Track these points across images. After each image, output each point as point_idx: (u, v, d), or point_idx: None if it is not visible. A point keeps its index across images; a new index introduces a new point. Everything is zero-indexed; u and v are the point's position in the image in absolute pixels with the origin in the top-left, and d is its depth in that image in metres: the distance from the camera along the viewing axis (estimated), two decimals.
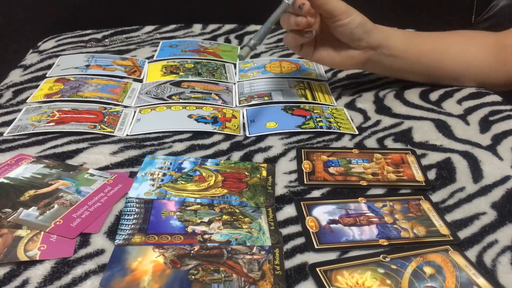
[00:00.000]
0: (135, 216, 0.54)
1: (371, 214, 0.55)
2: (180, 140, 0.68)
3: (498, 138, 0.68)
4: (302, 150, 0.66)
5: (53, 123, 0.70)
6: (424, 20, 1.13)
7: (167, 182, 0.59)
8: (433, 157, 0.65)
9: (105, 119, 0.72)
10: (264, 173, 0.62)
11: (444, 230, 0.53)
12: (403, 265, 0.48)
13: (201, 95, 0.79)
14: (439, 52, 0.76)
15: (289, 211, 0.56)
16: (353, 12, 0.70)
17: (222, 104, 0.77)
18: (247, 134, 0.70)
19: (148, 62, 0.91)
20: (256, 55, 0.96)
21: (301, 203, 0.56)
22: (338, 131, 0.70)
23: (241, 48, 0.66)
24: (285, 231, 0.53)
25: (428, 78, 0.80)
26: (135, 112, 0.74)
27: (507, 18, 1.15)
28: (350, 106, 0.78)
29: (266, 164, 0.63)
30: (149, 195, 0.57)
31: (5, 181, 0.59)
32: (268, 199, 0.57)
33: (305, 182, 0.60)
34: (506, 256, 0.50)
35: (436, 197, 0.58)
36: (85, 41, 1.00)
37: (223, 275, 0.46)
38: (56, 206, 0.55)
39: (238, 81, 0.85)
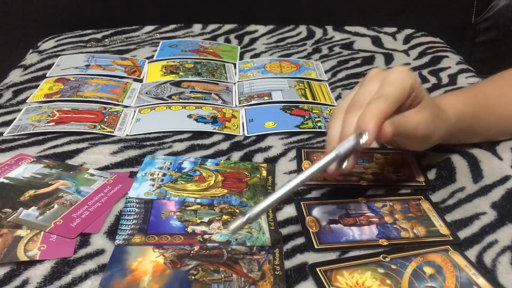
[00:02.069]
0: (135, 216, 0.54)
1: (371, 214, 0.55)
2: (180, 140, 0.68)
3: None
4: (302, 150, 0.66)
5: (53, 123, 0.70)
6: (424, 20, 1.13)
7: (167, 182, 0.59)
8: (433, 157, 0.65)
9: (105, 119, 0.72)
10: (264, 173, 0.62)
11: (444, 230, 0.53)
12: (403, 265, 0.48)
13: (201, 95, 0.79)
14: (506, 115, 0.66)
15: (289, 211, 0.56)
16: (433, 131, 0.56)
17: (222, 104, 0.77)
18: (246, 134, 0.70)
19: (148, 62, 0.91)
20: (256, 55, 0.96)
21: (301, 203, 0.56)
22: None
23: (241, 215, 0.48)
24: (285, 231, 0.53)
25: (500, 138, 0.68)
26: (135, 112, 0.74)
27: (507, 18, 1.15)
28: None
29: (266, 164, 0.63)
30: (149, 195, 0.57)
31: (5, 181, 0.59)
32: None
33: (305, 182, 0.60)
34: (506, 256, 0.50)
35: (436, 197, 0.58)
36: (85, 41, 1.00)
37: (223, 275, 0.46)
38: (56, 206, 0.55)
39: (238, 81, 0.86)
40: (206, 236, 0.51)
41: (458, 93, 0.67)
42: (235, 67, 0.91)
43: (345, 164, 0.50)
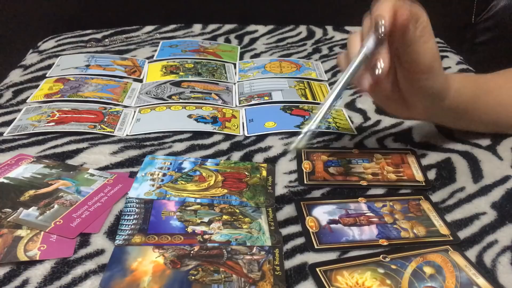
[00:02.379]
0: (135, 216, 0.54)
1: (371, 214, 0.55)
2: (180, 140, 0.68)
3: (498, 138, 0.68)
4: (302, 150, 0.66)
5: (53, 123, 0.70)
6: None
7: (167, 182, 0.59)
8: (433, 157, 0.65)
9: (105, 119, 0.72)
10: (264, 173, 0.62)
11: (444, 230, 0.53)
12: (403, 265, 0.48)
13: (201, 95, 0.79)
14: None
15: (289, 211, 0.56)
16: (438, 71, 0.57)
17: (222, 104, 0.77)
18: (246, 134, 0.70)
19: (148, 62, 0.91)
20: (256, 55, 0.96)
21: (301, 203, 0.56)
22: (337, 131, 0.70)
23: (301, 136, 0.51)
24: (285, 231, 0.53)
25: (501, 129, 0.69)
26: (135, 112, 0.74)
27: (507, 18, 1.15)
28: (350, 106, 0.78)
29: (266, 164, 0.63)
30: (149, 195, 0.57)
31: (5, 181, 0.59)
32: (268, 199, 0.57)
33: (305, 182, 0.60)
34: (506, 256, 0.50)
35: (436, 197, 0.58)
36: (85, 41, 1.00)
37: (223, 276, 0.46)
38: (56, 206, 0.55)
39: (238, 81, 0.85)
40: (206, 236, 0.51)
41: (460, 74, 0.68)
42: (235, 67, 0.91)
43: (380, 63, 0.51)
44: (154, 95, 0.79)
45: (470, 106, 0.63)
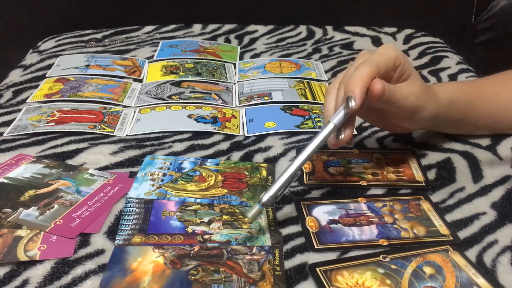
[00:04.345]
0: (135, 216, 0.54)
1: (371, 214, 0.55)
2: (180, 140, 0.68)
3: (498, 138, 0.68)
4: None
5: (53, 123, 0.70)
6: (424, 20, 1.13)
7: (167, 182, 0.59)
8: (433, 157, 0.65)
9: (105, 119, 0.72)
10: (264, 173, 0.62)
11: (444, 230, 0.53)
12: (403, 265, 0.48)
13: (201, 95, 0.79)
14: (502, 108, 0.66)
15: (289, 211, 0.56)
16: (424, 105, 0.57)
17: (222, 104, 0.77)
18: (246, 134, 0.70)
19: (148, 62, 0.91)
20: (256, 55, 0.96)
21: (301, 203, 0.56)
22: None
23: (254, 204, 0.50)
24: (285, 231, 0.53)
25: (498, 131, 0.69)
26: (135, 112, 0.74)
27: (507, 18, 1.15)
28: None
29: (266, 164, 0.63)
30: (149, 195, 0.57)
31: (5, 181, 0.59)
32: None
33: (305, 182, 0.60)
34: (506, 256, 0.50)
35: (436, 197, 0.58)
36: (85, 41, 1.00)
37: (223, 276, 0.46)
38: (56, 206, 0.55)
39: (238, 81, 0.85)
40: (206, 236, 0.51)
41: (455, 82, 0.69)
42: (235, 67, 0.91)
43: (342, 135, 0.53)
44: (154, 95, 0.79)
45: (466, 114, 0.64)
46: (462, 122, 0.65)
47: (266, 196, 0.49)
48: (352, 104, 0.50)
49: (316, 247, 0.50)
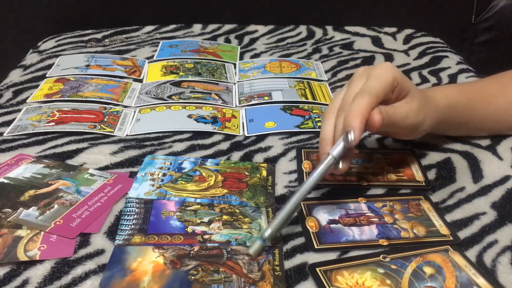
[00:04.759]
0: (135, 216, 0.54)
1: (371, 214, 0.55)
2: (180, 140, 0.68)
3: (498, 138, 0.68)
4: (302, 150, 0.66)
5: (53, 123, 0.70)
6: (424, 20, 1.13)
7: (167, 182, 0.59)
8: (433, 157, 0.65)
9: (105, 119, 0.72)
10: (264, 173, 0.62)
11: (444, 230, 0.53)
12: (403, 265, 0.48)
13: (201, 95, 0.79)
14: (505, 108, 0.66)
15: None
16: (424, 118, 0.57)
17: (222, 104, 0.77)
18: (246, 134, 0.70)
19: (148, 62, 0.91)
20: (256, 55, 0.96)
21: (301, 203, 0.56)
22: None
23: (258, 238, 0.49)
24: (285, 231, 0.53)
25: (498, 132, 0.69)
26: (135, 112, 0.74)
27: (507, 18, 1.15)
28: None
29: (266, 164, 0.63)
30: (149, 195, 0.57)
31: (5, 181, 0.59)
32: (268, 199, 0.57)
33: None
34: (506, 256, 0.50)
35: (436, 197, 0.58)
36: (85, 41, 1.00)
37: (223, 276, 0.46)
38: (56, 206, 0.55)
39: (238, 81, 0.85)
40: (206, 236, 0.51)
41: (453, 84, 0.69)
42: (235, 67, 0.91)
43: (340, 166, 0.52)
44: (154, 95, 0.79)
45: (466, 118, 0.64)
46: (462, 125, 0.65)
47: (267, 232, 0.48)
48: (352, 138, 0.49)
49: (316, 247, 0.50)
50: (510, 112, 0.66)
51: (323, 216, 0.55)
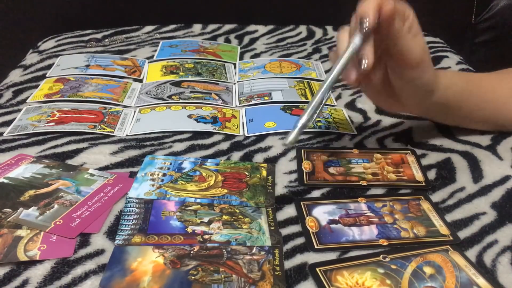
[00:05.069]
0: (135, 216, 0.54)
1: (371, 214, 0.55)
2: (180, 140, 0.68)
3: (498, 138, 0.68)
4: (302, 150, 0.66)
5: (53, 123, 0.70)
6: (424, 20, 1.13)
7: (167, 182, 0.59)
8: (433, 157, 0.65)
9: (105, 119, 0.72)
10: (264, 173, 0.62)
11: (444, 230, 0.53)
12: (403, 265, 0.48)
13: (201, 95, 0.79)
14: (502, 99, 0.66)
15: (289, 211, 0.56)
16: (427, 65, 0.58)
17: (222, 104, 0.77)
18: (246, 134, 0.70)
19: (148, 62, 0.91)
20: (256, 55, 0.96)
21: (301, 203, 0.56)
22: (337, 131, 0.70)
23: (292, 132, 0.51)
24: (285, 231, 0.53)
25: (493, 126, 0.69)
26: (135, 112, 0.74)
27: (507, 18, 1.15)
28: (350, 106, 0.78)
29: (266, 164, 0.63)
30: (149, 195, 0.57)
31: (5, 181, 0.59)
32: (268, 199, 0.57)
33: (305, 182, 0.60)
34: (506, 256, 0.50)
35: (436, 197, 0.58)
36: (85, 41, 1.00)
37: (223, 276, 0.46)
38: (56, 206, 0.55)
39: (238, 81, 0.86)
40: (206, 236, 0.51)
41: (453, 71, 0.70)
42: (235, 67, 0.91)
43: (364, 62, 0.53)
44: (154, 95, 0.79)
45: (462, 102, 0.64)
46: (456, 109, 0.65)
47: (302, 120, 0.51)
48: (367, 24, 0.51)
49: (316, 247, 0.50)
50: (507, 105, 0.66)
51: (323, 216, 0.55)
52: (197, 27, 1.08)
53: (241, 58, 0.95)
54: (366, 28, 0.51)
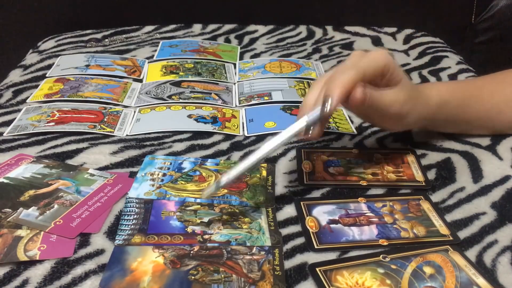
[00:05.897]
0: (135, 216, 0.54)
1: (371, 214, 0.55)
2: (180, 140, 0.68)
3: (498, 138, 0.68)
4: (302, 150, 0.66)
5: (53, 123, 0.70)
6: (424, 20, 1.13)
7: (167, 182, 0.59)
8: (433, 157, 0.65)
9: (105, 119, 0.72)
10: (264, 173, 0.62)
11: (444, 230, 0.53)
12: (403, 265, 0.48)
13: (201, 95, 0.79)
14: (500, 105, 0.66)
15: (289, 211, 0.56)
16: (409, 111, 0.58)
17: (222, 104, 0.77)
18: (246, 134, 0.70)
19: (148, 62, 0.91)
20: (256, 55, 0.96)
21: (301, 203, 0.56)
22: (337, 131, 0.70)
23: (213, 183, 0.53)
24: (285, 231, 0.53)
25: (492, 131, 0.68)
26: (135, 112, 0.74)
27: (507, 18, 1.15)
28: None
29: (266, 164, 0.63)
30: (149, 195, 0.57)
31: (5, 181, 0.59)
32: (268, 199, 0.57)
33: (305, 182, 0.60)
34: (506, 256, 0.50)
35: (436, 197, 0.58)
36: (85, 41, 1.00)
37: (223, 276, 0.46)
38: (56, 206, 0.55)
39: (238, 81, 0.86)
40: (206, 236, 0.51)
41: (449, 82, 0.70)
42: (235, 67, 0.91)
43: (311, 131, 0.53)
44: (154, 95, 0.79)
45: (458, 116, 0.64)
46: (454, 122, 0.65)
47: (223, 180, 0.51)
48: (328, 106, 0.51)
49: (316, 247, 0.50)
50: (505, 110, 0.66)
51: (323, 216, 0.55)
52: (197, 27, 1.08)
53: (241, 58, 0.95)
54: (327, 110, 0.51)
